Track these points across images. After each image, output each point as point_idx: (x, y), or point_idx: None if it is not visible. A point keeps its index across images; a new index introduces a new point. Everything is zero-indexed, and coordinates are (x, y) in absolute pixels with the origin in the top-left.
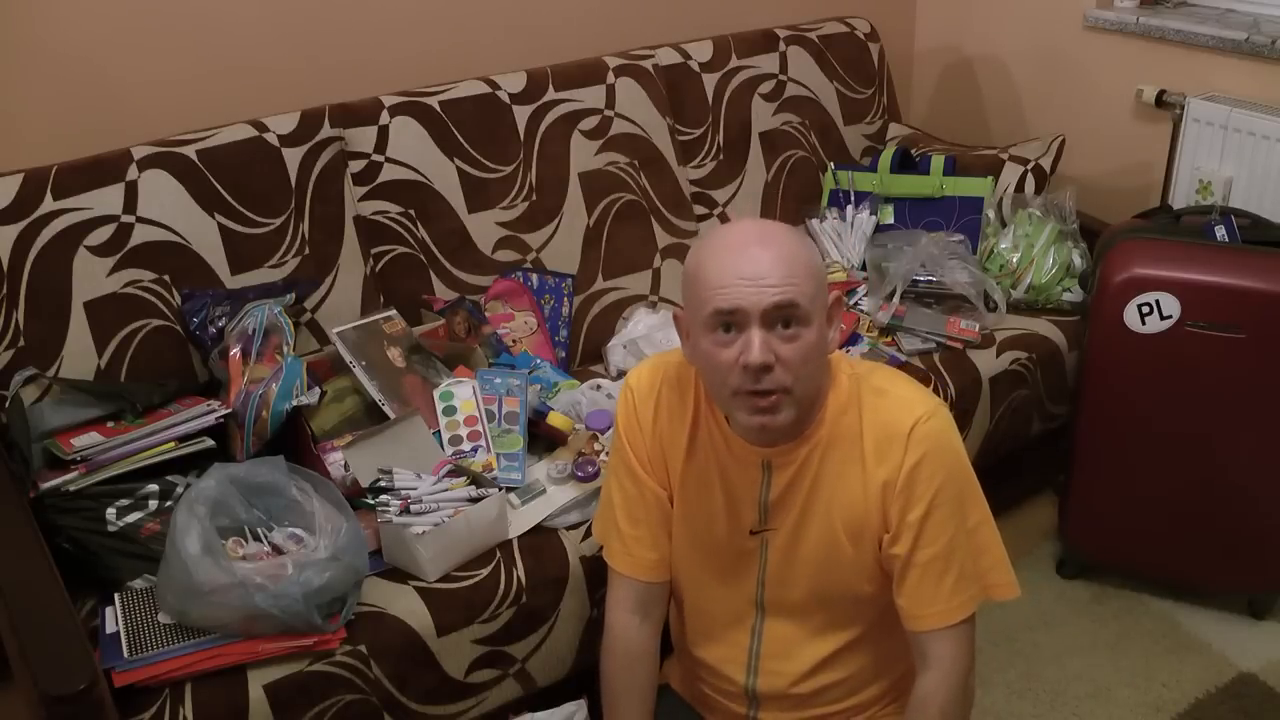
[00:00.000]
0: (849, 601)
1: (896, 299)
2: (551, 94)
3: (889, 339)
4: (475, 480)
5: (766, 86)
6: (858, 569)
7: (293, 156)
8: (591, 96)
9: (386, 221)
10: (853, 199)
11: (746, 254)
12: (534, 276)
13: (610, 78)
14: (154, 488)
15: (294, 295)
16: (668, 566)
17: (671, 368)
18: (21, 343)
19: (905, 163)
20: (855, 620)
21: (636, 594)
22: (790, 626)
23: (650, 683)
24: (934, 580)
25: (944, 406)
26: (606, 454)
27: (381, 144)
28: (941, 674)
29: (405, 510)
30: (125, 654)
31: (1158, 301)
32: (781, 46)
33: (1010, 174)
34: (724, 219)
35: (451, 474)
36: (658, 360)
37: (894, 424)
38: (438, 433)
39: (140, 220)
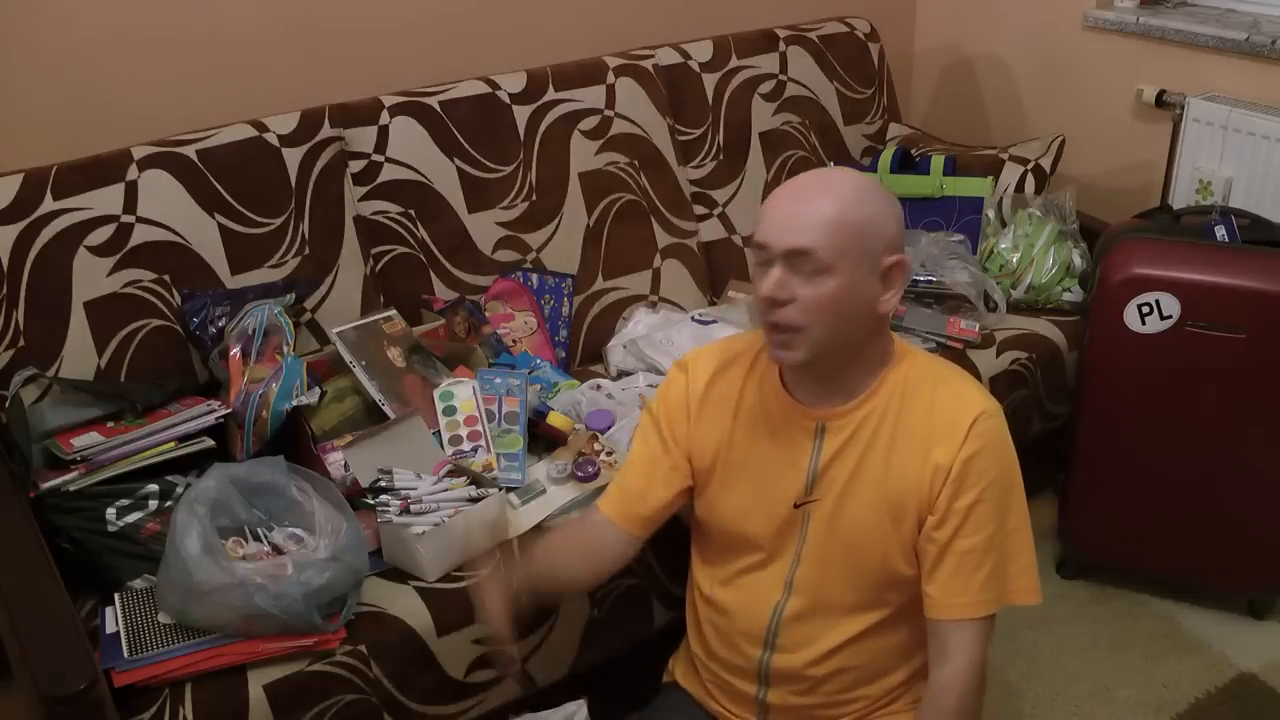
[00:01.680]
0: (881, 581)
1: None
2: (551, 94)
3: None
4: (475, 480)
5: (766, 86)
6: (897, 545)
7: (293, 156)
8: (591, 96)
9: (386, 221)
10: None
11: (788, 197)
12: (534, 276)
13: (610, 78)
14: (154, 488)
15: (294, 295)
16: (644, 528)
17: (729, 352)
18: (21, 343)
19: (905, 163)
20: (882, 604)
21: (596, 532)
22: (818, 603)
23: (560, 557)
24: (968, 571)
25: (1001, 410)
26: (607, 454)
27: (381, 144)
28: (961, 665)
29: (405, 510)
30: (125, 654)
31: (1158, 301)
32: (781, 46)
33: (1010, 174)
34: (724, 219)
35: (451, 474)
36: (719, 345)
37: (958, 411)
38: (438, 433)
39: (140, 220)
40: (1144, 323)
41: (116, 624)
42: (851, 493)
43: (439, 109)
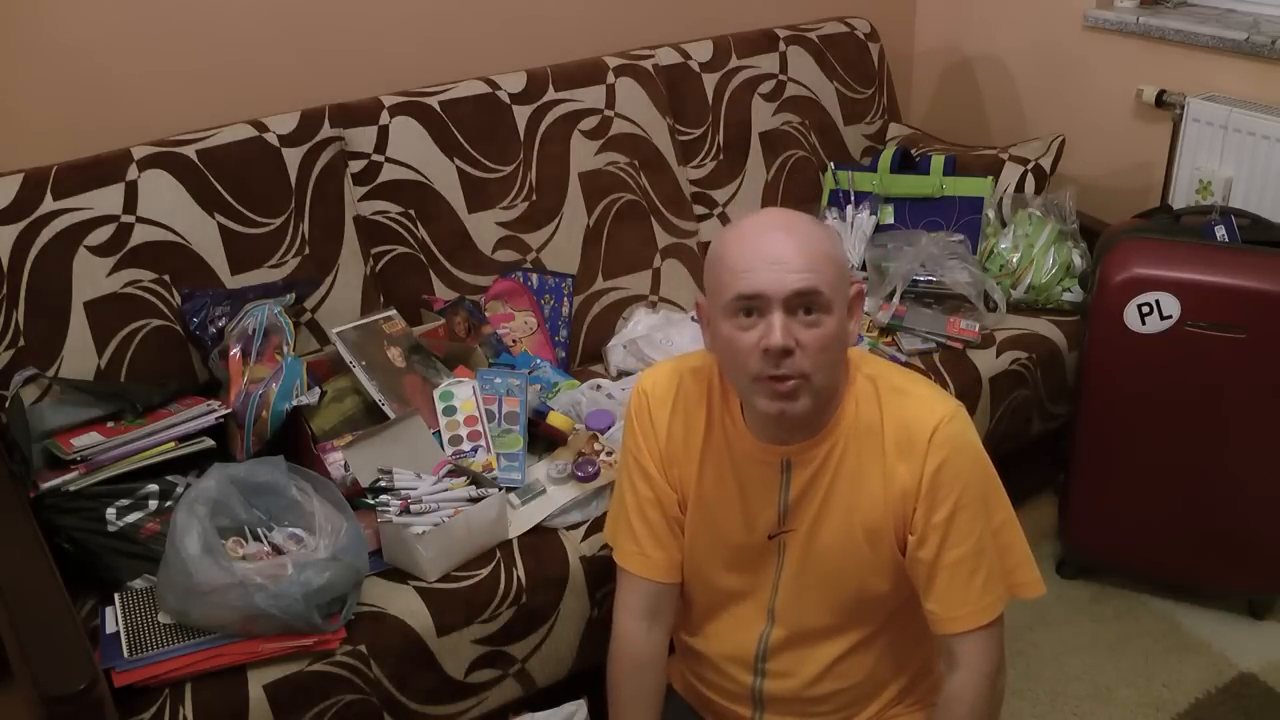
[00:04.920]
0: (862, 600)
1: (896, 299)
2: (551, 94)
3: (889, 339)
4: (475, 480)
5: (766, 86)
6: (873, 567)
7: (293, 156)
8: (591, 96)
9: (386, 221)
10: (853, 199)
11: (770, 238)
12: (534, 276)
13: (610, 78)
14: (154, 488)
15: (294, 295)
16: (679, 568)
17: (687, 374)
18: (21, 343)
19: (905, 163)
20: (866, 620)
21: (648, 596)
22: (800, 628)
23: (658, 690)
24: (963, 581)
25: (962, 408)
26: (607, 454)
27: (381, 144)
28: (971, 673)
29: (405, 510)
30: (125, 654)
31: (1158, 301)
32: (781, 46)
33: (1010, 174)
34: (724, 219)
35: (451, 474)
36: (673, 365)
37: (915, 425)
38: (438, 433)
39: (140, 220)
40: (1144, 323)
41: (116, 624)
42: (823, 521)
43: (439, 109)
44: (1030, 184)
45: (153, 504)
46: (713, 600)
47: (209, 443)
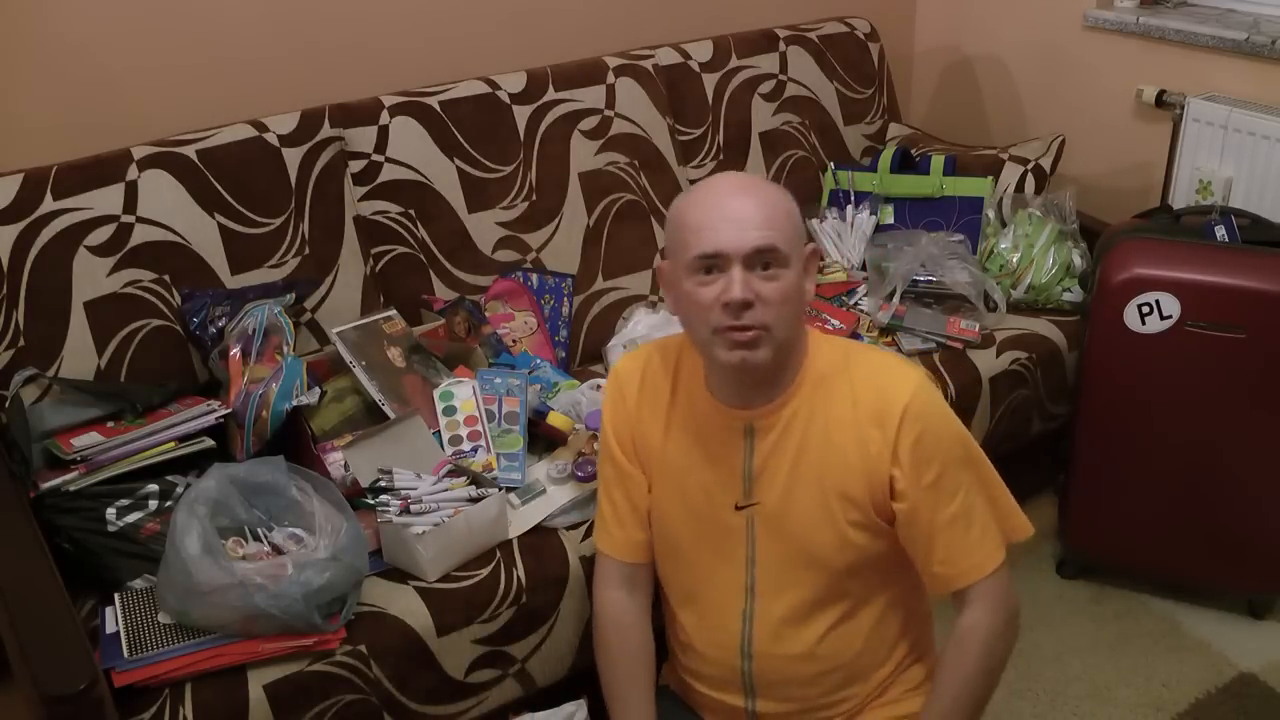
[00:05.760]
0: (840, 570)
1: (896, 299)
2: (551, 94)
3: (889, 339)
4: (475, 480)
5: (766, 86)
6: (852, 533)
7: (293, 156)
8: (591, 96)
9: (386, 221)
10: (853, 199)
11: (729, 200)
12: (534, 276)
13: (610, 78)
14: (154, 488)
15: (294, 295)
16: (645, 549)
17: (655, 352)
18: (21, 343)
19: (905, 163)
20: (845, 594)
21: (621, 569)
22: (782, 604)
23: (644, 650)
24: (961, 535)
25: (927, 376)
26: None
27: (381, 144)
28: (984, 609)
29: (405, 510)
30: (125, 654)
31: (1158, 301)
32: (781, 46)
33: (1010, 174)
34: None
35: (451, 474)
36: (644, 347)
37: (886, 395)
38: (438, 433)
39: (140, 220)
40: (1144, 323)
41: (116, 624)
42: (794, 493)
43: (439, 109)
44: (1030, 184)
45: (153, 504)
46: (693, 586)
47: (209, 443)
